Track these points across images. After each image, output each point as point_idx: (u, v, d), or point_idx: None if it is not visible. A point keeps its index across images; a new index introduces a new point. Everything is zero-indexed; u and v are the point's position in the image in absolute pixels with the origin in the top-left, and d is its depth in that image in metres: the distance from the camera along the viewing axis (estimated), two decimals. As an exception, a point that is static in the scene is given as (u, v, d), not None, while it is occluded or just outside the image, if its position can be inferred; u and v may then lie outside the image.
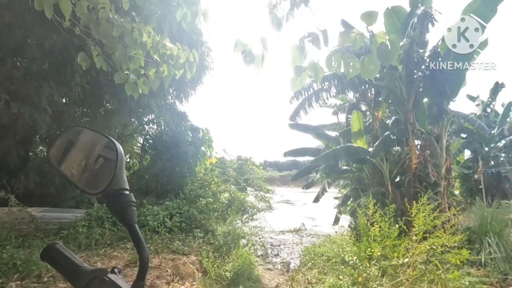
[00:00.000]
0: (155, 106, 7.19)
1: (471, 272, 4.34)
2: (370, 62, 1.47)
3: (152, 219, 5.28)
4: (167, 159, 7.41)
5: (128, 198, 0.53)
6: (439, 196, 6.36)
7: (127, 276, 3.57)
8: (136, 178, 7.60)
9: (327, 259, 6.19)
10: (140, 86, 2.87)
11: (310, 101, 7.83)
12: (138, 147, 9.15)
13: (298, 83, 1.67)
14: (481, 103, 14.79)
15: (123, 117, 6.94)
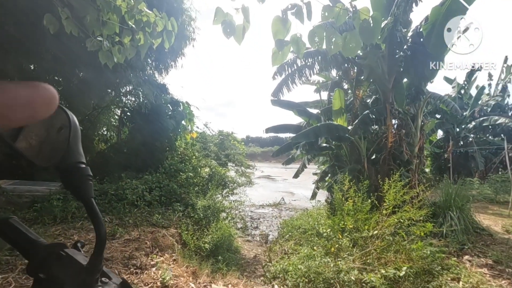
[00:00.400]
0: (133, 77, 6.86)
1: (433, 242, 4.72)
2: (352, 39, 1.45)
3: (130, 193, 5.24)
4: (147, 133, 7.22)
5: (84, 171, 0.51)
6: (410, 173, 6.70)
7: (105, 249, 3.58)
8: (114, 151, 7.40)
9: (303, 231, 6.49)
10: (115, 54, 2.70)
11: (293, 78, 7.76)
12: (115, 119, 8.82)
13: (280, 57, 1.63)
14: (456, 86, 15.31)
15: (98, 88, 6.60)
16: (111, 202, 5.00)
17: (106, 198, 5.05)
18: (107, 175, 6.17)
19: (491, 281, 3.69)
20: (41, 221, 4.13)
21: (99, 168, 6.53)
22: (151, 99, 6.94)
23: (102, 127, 8.37)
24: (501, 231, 6.18)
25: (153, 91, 7.06)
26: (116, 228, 4.16)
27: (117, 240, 3.92)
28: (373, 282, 3.35)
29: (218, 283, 3.74)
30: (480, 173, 13.18)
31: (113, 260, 3.38)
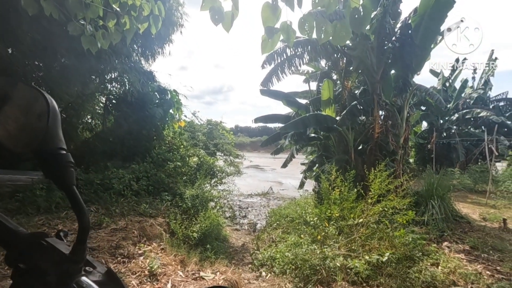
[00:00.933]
0: (118, 64, 6.63)
1: (415, 230, 4.90)
2: (342, 28, 1.44)
3: (117, 182, 5.15)
4: (133, 121, 7.05)
5: (65, 158, 0.49)
6: (395, 163, 6.87)
7: (91, 238, 3.54)
8: (100, 140, 7.22)
9: (291, 220, 6.60)
10: (98, 39, 2.59)
11: (283, 67, 7.72)
12: (100, 107, 8.57)
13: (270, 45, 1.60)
14: (442, 78, 15.62)
15: (82, 74, 6.36)
16: (97, 192, 4.91)
17: (92, 188, 4.95)
18: (92, 164, 6.03)
19: (467, 266, 3.88)
20: (23, 211, 4.02)
21: (84, 157, 6.37)
22: (138, 86, 6.76)
23: (86, 115, 8.11)
24: (478, 219, 6.48)
25: (140, 79, 6.86)
26: (102, 218, 4.10)
27: (104, 229, 3.88)
28: (357, 268, 3.46)
29: (207, 271, 3.78)
30: (461, 164, 13.65)
31: (99, 250, 3.35)
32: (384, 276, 3.51)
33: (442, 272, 3.64)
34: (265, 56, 7.53)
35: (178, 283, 3.15)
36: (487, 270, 3.77)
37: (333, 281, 3.51)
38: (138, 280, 2.99)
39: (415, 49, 6.29)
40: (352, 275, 3.51)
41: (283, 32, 1.56)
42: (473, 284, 3.41)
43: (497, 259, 4.21)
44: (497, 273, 3.71)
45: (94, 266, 0.54)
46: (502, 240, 5.02)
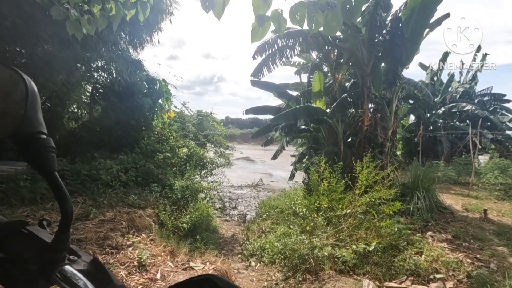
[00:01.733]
0: (105, 52, 6.43)
1: (401, 220, 5.05)
2: (333, 18, 1.42)
3: (105, 173, 5.06)
4: (121, 111, 6.89)
5: (46, 143, 0.46)
6: (383, 156, 7.00)
7: (78, 230, 3.49)
8: (86, 130, 7.03)
9: (280, 211, 6.67)
10: (84, 25, 2.49)
11: (274, 58, 7.66)
12: (86, 96, 8.33)
13: (260, 33, 1.57)
14: (430, 72, 15.85)
15: (67, 62, 6.14)
16: (84, 183, 4.81)
17: (79, 179, 4.85)
18: (79, 155, 5.90)
19: (449, 254, 4.03)
20: (7, 203, 3.91)
21: (70, 147, 6.22)
22: (125, 75, 6.59)
23: (72, 104, 7.86)
24: (461, 210, 6.70)
25: (128, 67, 6.69)
26: (89, 209, 4.04)
27: (91, 221, 3.82)
28: (344, 257, 3.55)
29: (196, 261, 3.80)
30: (446, 157, 14.02)
31: (87, 241, 3.30)
32: (370, 265, 3.61)
33: (426, 260, 3.77)
34: (256, 46, 7.46)
35: (167, 274, 3.15)
36: (468, 258, 3.92)
37: (321, 270, 3.59)
38: (127, 271, 2.97)
39: (405, 42, 6.35)
40: (340, 264, 3.59)
41: (274, 21, 1.53)
42: (454, 271, 3.55)
43: (477, 247, 4.39)
44: (477, 261, 3.87)
45: (78, 255, 0.53)
46: (483, 229, 5.23)
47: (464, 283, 3.28)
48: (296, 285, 3.60)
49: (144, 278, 2.92)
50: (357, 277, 3.39)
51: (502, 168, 9.87)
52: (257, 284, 3.92)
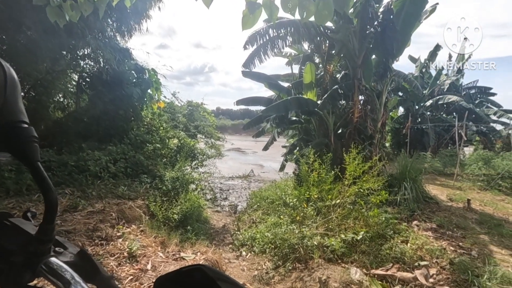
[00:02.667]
0: (91, 39, 6.23)
1: (388, 210, 5.17)
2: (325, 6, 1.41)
3: (93, 164, 4.97)
4: (109, 101, 6.73)
5: (28, 132, 0.45)
6: (372, 147, 7.11)
7: (66, 221, 3.44)
8: (73, 120, 6.86)
9: (271, 202, 6.74)
10: (67, 10, 2.39)
11: (266, 49, 7.59)
12: (73, 85, 8.09)
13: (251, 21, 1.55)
14: (419, 65, 16.03)
15: (51, 49, 5.92)
16: (71, 174, 4.72)
17: (66, 170, 4.75)
18: (66, 146, 5.77)
19: (433, 242, 4.17)
20: (-9, 194, 3.82)
21: (56, 138, 6.07)
22: (113, 64, 6.42)
23: (57, 93, 7.63)
24: (445, 199, 6.91)
25: (115, 56, 6.50)
26: (78, 201, 3.98)
27: (80, 212, 3.77)
28: (333, 246, 3.62)
29: (187, 252, 3.81)
30: (433, 148, 14.36)
31: (75, 233, 3.27)
32: (358, 253, 3.70)
33: (411, 248, 3.89)
34: (248, 36, 7.36)
35: (158, 264, 3.16)
36: (451, 246, 4.07)
37: (310, 258, 3.66)
38: (117, 262, 2.97)
39: (396, 34, 6.37)
40: (328, 253, 3.67)
41: (265, 8, 1.51)
42: (438, 258, 3.68)
43: (460, 236, 4.55)
44: (459, 248, 4.02)
45: (65, 247, 0.52)
46: (465, 218, 5.42)
47: (446, 270, 3.41)
48: (286, 274, 3.67)
49: (135, 268, 2.92)
50: (345, 265, 3.47)
51: (486, 159, 10.18)
52: (248, 273, 3.98)
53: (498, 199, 7.42)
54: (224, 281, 0.54)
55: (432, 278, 3.12)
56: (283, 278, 3.62)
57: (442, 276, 3.27)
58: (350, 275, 3.09)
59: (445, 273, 3.33)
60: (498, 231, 4.76)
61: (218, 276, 0.54)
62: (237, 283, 0.54)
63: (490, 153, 10.84)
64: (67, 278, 0.44)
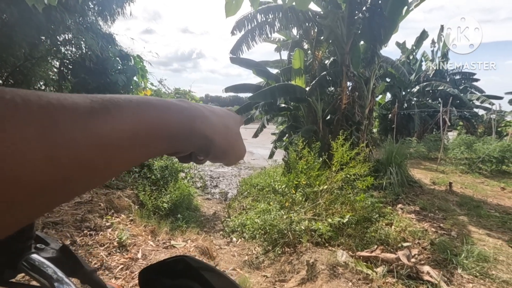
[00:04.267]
0: (72, 24, 5.96)
1: (374, 194, 5.33)
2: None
3: (79, 154, 4.88)
4: (93, 89, 6.53)
5: None
6: (360, 133, 7.22)
7: (53, 213, 3.40)
8: (56, 109, 6.65)
9: (261, 189, 6.81)
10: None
11: (254, 35, 7.46)
12: (54, 72, 7.78)
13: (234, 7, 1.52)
14: (406, 51, 16.14)
15: (29, 34, 5.65)
16: (56, 165, 4.63)
17: (50, 161, 4.65)
18: (50, 136, 5.61)
19: (416, 224, 4.35)
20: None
21: (39, 128, 5.88)
22: (96, 50, 6.18)
23: (38, 81, 7.34)
24: (429, 183, 7.16)
25: (98, 41, 6.26)
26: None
27: (66, 203, 3.73)
28: (320, 230, 3.73)
29: (178, 240, 3.85)
30: (418, 133, 14.72)
31: (63, 224, 3.24)
32: (344, 237, 3.83)
33: (395, 230, 4.05)
34: (235, 21, 7.20)
35: (149, 253, 3.19)
36: (432, 227, 4.26)
37: (299, 243, 3.77)
38: (107, 252, 2.98)
39: (384, 20, 6.37)
40: (316, 237, 3.78)
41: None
42: (420, 239, 3.86)
43: (441, 217, 4.76)
44: (440, 229, 4.21)
45: (46, 243, 0.52)
46: (447, 201, 5.65)
47: (427, 250, 3.58)
48: (275, 258, 3.77)
49: (125, 258, 2.94)
50: (332, 248, 3.60)
51: (468, 143, 10.53)
52: (238, 258, 4.07)
53: (478, 181, 7.75)
54: (207, 271, 0.56)
55: (414, 258, 3.28)
56: (273, 262, 3.72)
57: (423, 256, 3.43)
58: (336, 257, 3.21)
59: (426, 253, 3.50)
60: (477, 212, 5.00)
61: (201, 265, 0.55)
62: (219, 272, 0.56)
63: (472, 138, 11.21)
64: (49, 274, 0.45)
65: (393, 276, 2.91)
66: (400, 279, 2.86)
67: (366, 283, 2.79)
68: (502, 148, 8.82)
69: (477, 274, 2.99)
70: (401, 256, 3.11)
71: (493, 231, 4.23)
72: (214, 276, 0.55)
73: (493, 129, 13.10)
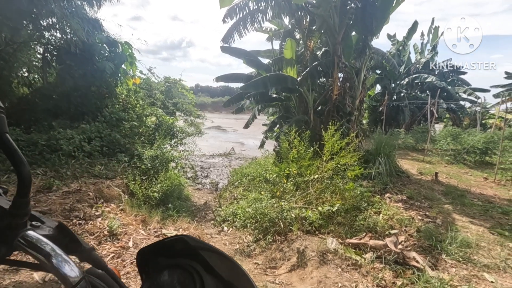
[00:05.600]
0: (56, 8, 5.71)
1: (363, 184, 5.43)
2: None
3: (66, 143, 4.75)
4: (80, 76, 6.33)
5: None
6: (350, 124, 7.29)
7: (40, 202, 3.32)
8: (41, 96, 6.41)
9: (252, 178, 6.84)
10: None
11: (245, 23, 7.34)
12: (38, 58, 7.48)
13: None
14: (396, 43, 16.24)
15: (9, 18, 5.39)
16: (42, 154, 4.50)
17: (36, 149, 4.52)
18: (34, 124, 5.44)
19: (403, 213, 4.47)
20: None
21: (24, 116, 5.69)
22: (82, 36, 5.96)
23: (21, 67, 7.05)
24: (416, 173, 7.34)
25: (84, 27, 6.03)
26: (52, 181, 3.83)
27: (54, 192, 3.65)
28: (310, 218, 3.79)
29: (169, 228, 3.85)
30: (407, 125, 14.98)
31: (51, 213, 3.18)
32: (334, 225, 3.91)
33: (383, 218, 4.15)
34: (227, 9, 7.05)
35: (140, 241, 3.18)
36: (419, 215, 4.38)
37: (290, 231, 3.82)
38: (97, 241, 2.95)
39: (376, 10, 6.36)
40: (307, 225, 3.84)
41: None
42: (407, 227, 3.97)
43: (427, 206, 4.90)
44: (426, 217, 4.34)
45: (42, 221, 0.50)
46: (433, 190, 5.82)
47: (414, 237, 3.69)
48: (266, 246, 3.82)
49: (116, 246, 2.92)
50: (322, 236, 3.66)
51: (454, 135, 10.80)
52: (230, 246, 4.11)
53: (463, 172, 7.99)
54: (206, 250, 0.55)
55: (401, 245, 3.38)
56: (264, 250, 3.77)
57: (409, 243, 3.54)
58: (326, 244, 3.27)
59: (412, 240, 3.62)
60: (461, 201, 5.17)
61: (200, 245, 0.55)
62: (219, 251, 0.56)
63: (458, 130, 11.49)
64: (47, 251, 0.44)
65: (381, 262, 3.00)
66: (387, 264, 2.95)
67: (355, 268, 2.87)
68: (486, 140, 9.09)
69: (460, 259, 3.11)
70: (388, 243, 3.20)
71: (475, 218, 4.39)
72: (213, 256, 0.55)
73: (477, 122, 13.47)
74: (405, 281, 2.69)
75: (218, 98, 64.19)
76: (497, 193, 5.93)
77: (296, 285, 2.70)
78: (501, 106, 13.33)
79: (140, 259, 0.57)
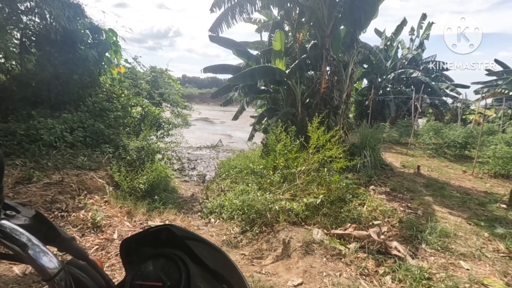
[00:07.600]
0: (34, -10, 5.42)
1: (349, 176, 5.53)
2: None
3: (46, 133, 4.57)
4: (60, 64, 6.07)
5: None
6: (337, 118, 7.37)
7: (20, 194, 3.21)
8: (18, 84, 6.12)
9: (239, 171, 6.84)
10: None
11: (234, 13, 7.22)
12: (15, 44, 7.11)
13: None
14: (384, 38, 16.44)
15: (-18, -1, 5.09)
16: (21, 144, 4.33)
17: (15, 139, 4.34)
18: (12, 113, 5.21)
19: (386, 204, 4.60)
20: None
21: (0, 104, 5.44)
22: (63, 21, 5.70)
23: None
24: (399, 166, 7.55)
25: (65, 12, 5.77)
26: (31, 172, 3.70)
27: (35, 184, 3.53)
28: (295, 209, 3.84)
29: (155, 220, 3.81)
30: (391, 119, 15.31)
31: (31, 205, 3.08)
32: (320, 216, 3.97)
33: (367, 210, 4.26)
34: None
35: (125, 233, 3.13)
36: (401, 207, 4.53)
37: (276, 222, 3.86)
38: (81, 233, 2.88)
39: (364, 4, 6.39)
40: (293, 217, 3.89)
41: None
42: (389, 218, 4.10)
43: (409, 198, 5.07)
44: (408, 208, 4.49)
45: (17, 211, 0.48)
46: (415, 182, 6.00)
47: (396, 227, 3.82)
48: (253, 237, 3.85)
49: (100, 238, 2.87)
50: (308, 227, 3.73)
51: (436, 130, 11.14)
52: (217, 238, 4.11)
53: (443, 165, 8.28)
54: (192, 239, 0.55)
55: (383, 235, 3.48)
56: (251, 241, 3.80)
57: (392, 233, 3.66)
58: (312, 235, 3.33)
59: (394, 230, 3.73)
60: (441, 193, 5.37)
61: (186, 234, 0.54)
62: (205, 240, 0.55)
63: (440, 124, 11.85)
64: (22, 241, 0.41)
65: (364, 252, 3.09)
66: (370, 254, 3.04)
67: (339, 258, 2.94)
68: (465, 134, 9.43)
69: (439, 248, 3.25)
70: (372, 233, 3.29)
71: (454, 209, 4.58)
72: (199, 245, 0.54)
73: (458, 117, 13.92)
74: (387, 269, 2.79)
75: (205, 89, 63.40)
76: (475, 186, 6.19)
77: (282, 274, 2.74)
78: (480, 102, 13.81)
79: (124, 250, 0.56)
